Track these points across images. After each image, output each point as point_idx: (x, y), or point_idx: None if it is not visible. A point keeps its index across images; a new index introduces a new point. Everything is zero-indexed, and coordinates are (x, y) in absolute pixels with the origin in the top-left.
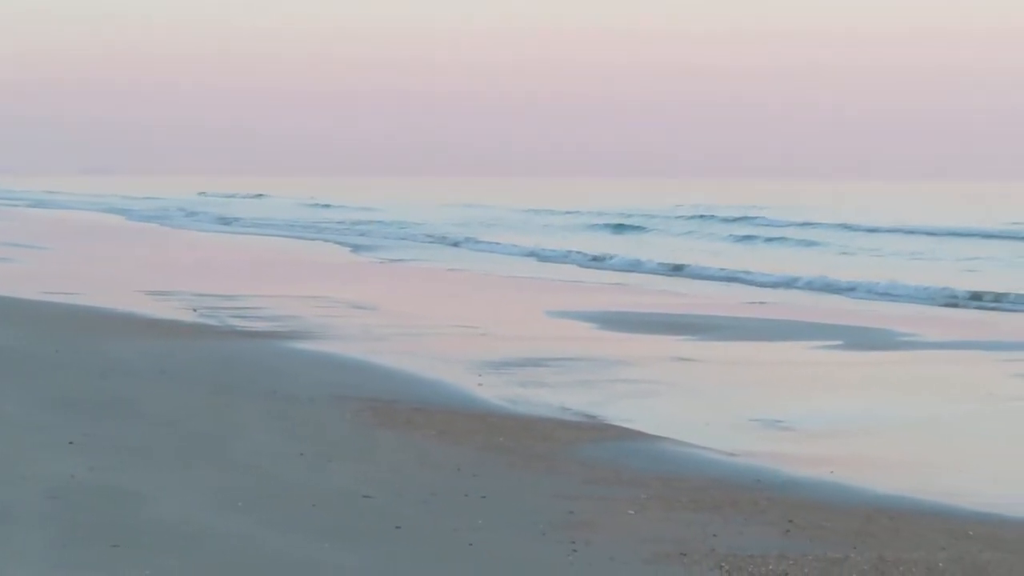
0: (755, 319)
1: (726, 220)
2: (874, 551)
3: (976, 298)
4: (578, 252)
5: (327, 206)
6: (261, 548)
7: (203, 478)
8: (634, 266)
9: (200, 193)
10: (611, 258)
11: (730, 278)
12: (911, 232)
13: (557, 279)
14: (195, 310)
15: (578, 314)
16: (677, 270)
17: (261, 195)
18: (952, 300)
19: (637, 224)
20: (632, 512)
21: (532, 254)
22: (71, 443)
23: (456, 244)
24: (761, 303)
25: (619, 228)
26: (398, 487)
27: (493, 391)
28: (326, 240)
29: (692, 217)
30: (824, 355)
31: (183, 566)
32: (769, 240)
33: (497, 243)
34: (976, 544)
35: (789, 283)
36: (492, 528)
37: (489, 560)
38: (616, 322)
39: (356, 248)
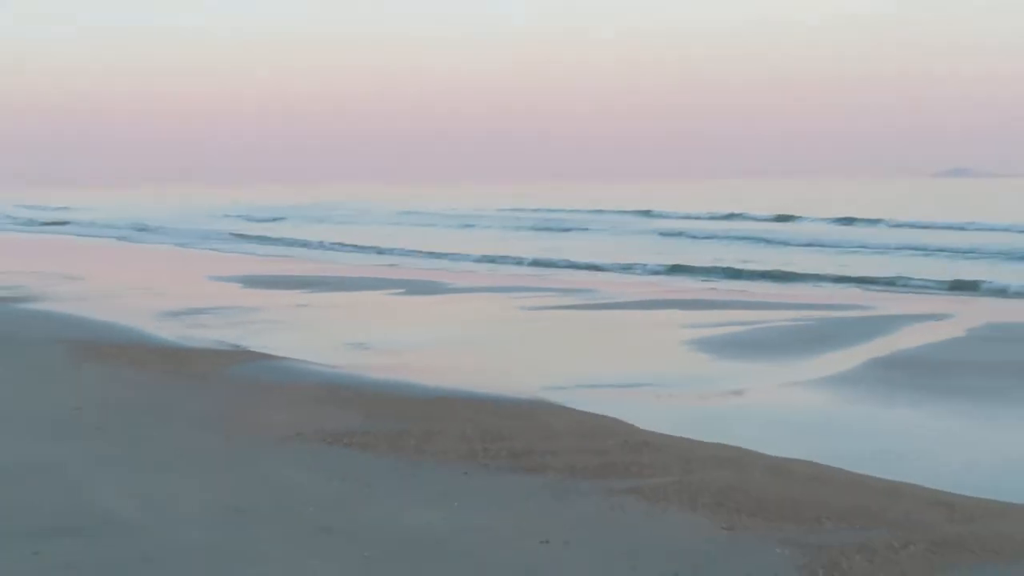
0: (350, 277)
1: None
2: (424, 425)
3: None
4: None
5: None
6: None
7: None
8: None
9: None
10: None
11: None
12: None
13: (207, 255)
14: None
15: (228, 278)
16: None
17: None
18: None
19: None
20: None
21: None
22: None
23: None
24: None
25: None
26: (100, 401)
27: (170, 331)
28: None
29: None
30: (394, 298)
31: None
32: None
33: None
34: (493, 417)
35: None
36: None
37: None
38: (255, 282)
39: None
